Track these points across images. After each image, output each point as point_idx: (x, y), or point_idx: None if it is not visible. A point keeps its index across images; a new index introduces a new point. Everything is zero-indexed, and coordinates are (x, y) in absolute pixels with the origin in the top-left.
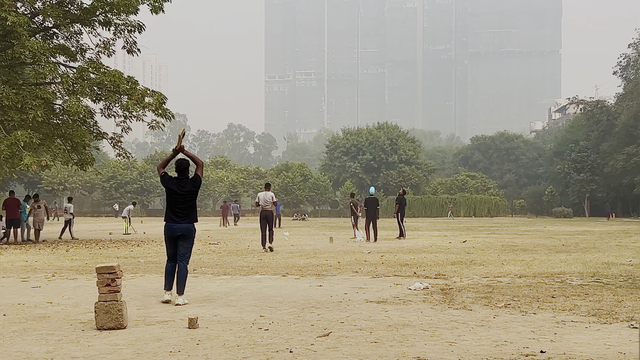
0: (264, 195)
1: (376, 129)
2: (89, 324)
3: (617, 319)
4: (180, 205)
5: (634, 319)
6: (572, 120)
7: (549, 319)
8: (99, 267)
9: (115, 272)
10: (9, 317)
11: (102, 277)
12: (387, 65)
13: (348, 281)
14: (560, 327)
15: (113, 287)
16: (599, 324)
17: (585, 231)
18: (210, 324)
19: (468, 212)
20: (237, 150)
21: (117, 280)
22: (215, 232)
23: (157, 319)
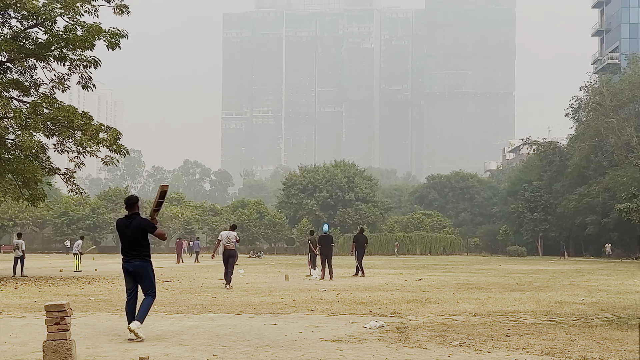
0: (227, 234)
1: (333, 167)
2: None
3: (570, 358)
4: (129, 244)
5: (587, 358)
6: (526, 161)
7: (503, 357)
8: (48, 305)
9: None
10: None
11: (51, 315)
12: (344, 104)
13: (303, 319)
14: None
15: (62, 325)
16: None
17: (538, 270)
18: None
19: (424, 250)
20: (193, 186)
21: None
22: (168, 270)
23: (107, 358)
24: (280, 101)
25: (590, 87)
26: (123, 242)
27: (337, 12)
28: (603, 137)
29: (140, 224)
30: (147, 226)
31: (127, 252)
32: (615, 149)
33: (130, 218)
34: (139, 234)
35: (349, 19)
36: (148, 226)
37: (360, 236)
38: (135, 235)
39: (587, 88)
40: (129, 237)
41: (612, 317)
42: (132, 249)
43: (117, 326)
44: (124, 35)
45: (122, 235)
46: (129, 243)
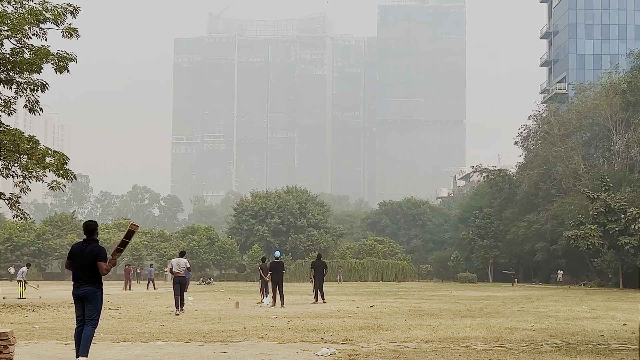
0: (177, 261)
1: (285, 193)
2: None
3: None
4: (81, 269)
5: None
6: (476, 188)
7: None
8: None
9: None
10: None
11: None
12: (296, 130)
13: (254, 347)
14: None
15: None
16: None
17: (489, 296)
18: None
19: (376, 276)
20: (142, 212)
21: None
22: (116, 297)
23: None
24: (232, 126)
25: (538, 116)
26: (75, 267)
27: (290, 39)
28: (551, 165)
29: (92, 250)
30: (98, 254)
31: (79, 278)
32: (563, 177)
33: (86, 243)
34: (91, 260)
35: (301, 45)
36: (99, 254)
37: (319, 262)
38: (87, 262)
39: (535, 117)
40: (82, 263)
41: (561, 343)
42: (84, 275)
43: (62, 355)
44: (73, 58)
45: (75, 260)
46: (81, 269)
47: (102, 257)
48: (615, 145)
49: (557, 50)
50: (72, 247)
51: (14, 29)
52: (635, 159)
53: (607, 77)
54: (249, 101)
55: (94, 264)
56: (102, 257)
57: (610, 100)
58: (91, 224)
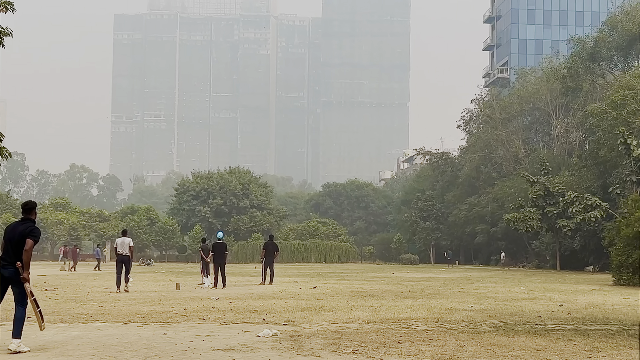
0: (122, 240)
1: (228, 173)
2: None
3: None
4: (12, 249)
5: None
6: (419, 171)
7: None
8: None
9: None
10: None
11: None
12: (239, 110)
13: (194, 329)
14: None
15: None
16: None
17: (430, 278)
18: None
19: (319, 258)
20: (79, 191)
21: None
22: (53, 278)
23: None
24: (173, 106)
25: (480, 100)
26: (6, 246)
27: (233, 17)
28: (493, 148)
29: (25, 228)
30: (31, 232)
31: (6, 257)
32: (504, 161)
33: (21, 223)
34: (22, 238)
35: (244, 24)
36: (31, 232)
37: (271, 243)
38: (18, 240)
39: (478, 101)
40: (12, 242)
41: (500, 323)
42: (12, 254)
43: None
44: (9, 33)
45: (7, 238)
46: (11, 247)
47: (34, 236)
48: (554, 129)
49: (500, 35)
50: (7, 226)
51: None
52: (574, 144)
53: (547, 63)
54: (191, 80)
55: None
56: (33, 236)
57: (550, 85)
58: (30, 203)
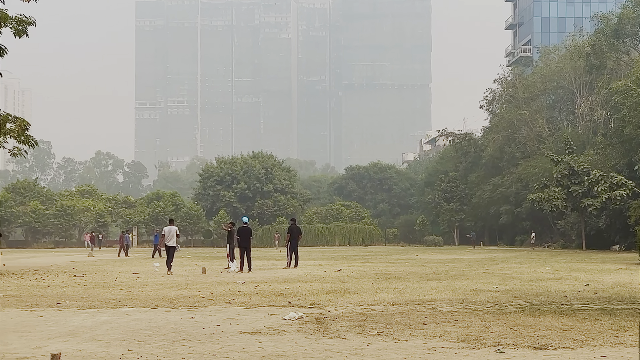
0: (169, 229)
1: (251, 158)
2: None
3: (485, 344)
4: None
5: (501, 344)
6: (442, 152)
7: (420, 345)
8: None
9: None
10: None
11: None
12: (262, 95)
13: (221, 312)
14: (431, 353)
15: None
16: (468, 349)
17: (454, 259)
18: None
19: (343, 241)
20: (105, 178)
21: None
22: (81, 264)
23: (17, 355)
24: (196, 91)
25: (503, 80)
26: None
27: (254, 2)
28: (516, 128)
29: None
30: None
31: None
32: (528, 141)
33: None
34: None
35: (265, 8)
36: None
37: (295, 227)
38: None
39: (500, 80)
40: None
41: (525, 303)
42: None
43: (27, 322)
44: (32, 22)
45: None
46: None
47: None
48: (579, 108)
49: (522, 13)
50: None
51: None
52: (598, 122)
53: (571, 40)
54: (213, 65)
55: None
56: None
57: (574, 64)
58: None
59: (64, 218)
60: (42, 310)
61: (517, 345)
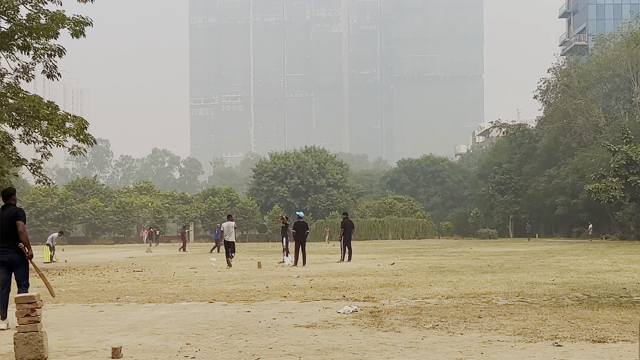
0: (227, 225)
1: (304, 153)
2: (8, 356)
3: (542, 338)
4: (4, 233)
5: (558, 337)
6: (495, 144)
7: (475, 338)
8: (18, 297)
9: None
10: None
11: (21, 307)
12: (313, 90)
13: (276, 306)
14: (487, 347)
15: (33, 317)
16: (525, 342)
17: (510, 252)
18: (135, 353)
19: (396, 234)
20: (162, 175)
21: (37, 310)
22: (139, 259)
23: (79, 349)
24: (249, 87)
25: (558, 69)
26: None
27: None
28: (571, 118)
29: (10, 212)
30: (16, 214)
31: (3, 243)
32: (584, 130)
33: (4, 210)
34: (10, 221)
35: (316, 3)
36: (17, 214)
37: (348, 221)
38: (8, 225)
39: (555, 70)
40: (3, 228)
41: (583, 296)
42: (7, 240)
43: (88, 317)
44: (89, 23)
45: None
46: (4, 233)
47: (20, 217)
48: (636, 96)
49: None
50: None
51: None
52: None
53: (627, 27)
54: (265, 61)
55: (14, 225)
56: (19, 217)
57: (631, 51)
58: (8, 190)
59: (122, 215)
60: (103, 305)
61: (574, 338)
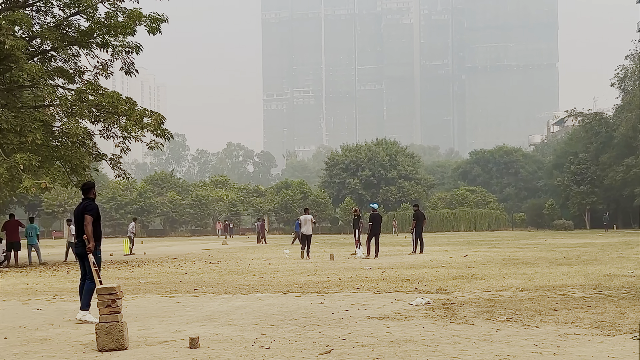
0: (304, 217)
1: (375, 145)
2: (90, 345)
3: (620, 331)
4: (78, 226)
5: (637, 331)
6: (571, 133)
7: (551, 332)
8: (99, 288)
9: (115, 293)
10: (10, 340)
11: (102, 298)
12: (384, 81)
13: (349, 298)
14: (563, 340)
15: (114, 308)
16: (602, 336)
17: (586, 243)
18: (212, 344)
19: (468, 226)
20: (237, 169)
21: (118, 301)
22: (215, 252)
23: (158, 339)
24: (321, 81)
25: (636, 56)
26: (75, 226)
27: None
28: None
29: (82, 207)
30: (85, 208)
31: (78, 236)
32: None
33: (81, 203)
34: (81, 216)
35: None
36: (85, 208)
37: (419, 213)
38: (79, 219)
39: (633, 57)
40: (77, 221)
41: None
42: (80, 233)
43: (167, 308)
44: (165, 19)
45: (74, 220)
46: (78, 227)
47: (89, 211)
48: None
49: None
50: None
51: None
52: None
53: None
54: (337, 54)
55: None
56: (88, 211)
57: None
58: (87, 184)
59: (199, 208)
60: (181, 296)
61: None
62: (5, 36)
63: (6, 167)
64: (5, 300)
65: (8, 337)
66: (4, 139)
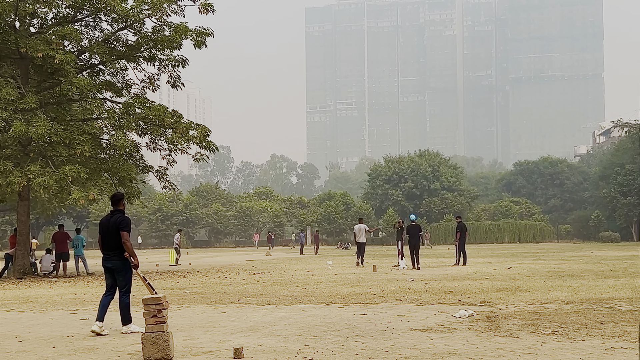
0: (359, 227)
1: (418, 157)
2: (136, 355)
3: None
4: (109, 239)
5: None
6: (617, 144)
7: (598, 345)
8: (145, 298)
9: (161, 303)
10: (59, 349)
11: (148, 308)
12: (427, 93)
13: (392, 309)
14: (610, 354)
15: (159, 318)
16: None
17: (633, 256)
18: (256, 354)
19: (512, 238)
20: (280, 180)
21: (164, 311)
22: (259, 262)
23: (203, 349)
24: (363, 92)
25: None
26: (104, 239)
27: (418, 1)
28: None
29: (116, 220)
30: (120, 224)
31: (107, 249)
32: None
33: (112, 214)
34: (115, 230)
35: (430, 6)
36: (121, 224)
37: (462, 225)
38: (113, 232)
39: None
40: (108, 234)
41: None
42: (111, 246)
43: (212, 318)
44: (210, 33)
45: (103, 232)
46: (109, 240)
47: (124, 227)
48: None
49: None
50: (100, 221)
51: (154, 7)
52: None
53: None
54: (379, 66)
55: (119, 234)
56: (124, 227)
57: None
58: (117, 195)
59: (243, 219)
60: (225, 306)
61: None
62: (55, 51)
63: (55, 179)
64: (54, 310)
65: (56, 346)
66: (54, 152)
